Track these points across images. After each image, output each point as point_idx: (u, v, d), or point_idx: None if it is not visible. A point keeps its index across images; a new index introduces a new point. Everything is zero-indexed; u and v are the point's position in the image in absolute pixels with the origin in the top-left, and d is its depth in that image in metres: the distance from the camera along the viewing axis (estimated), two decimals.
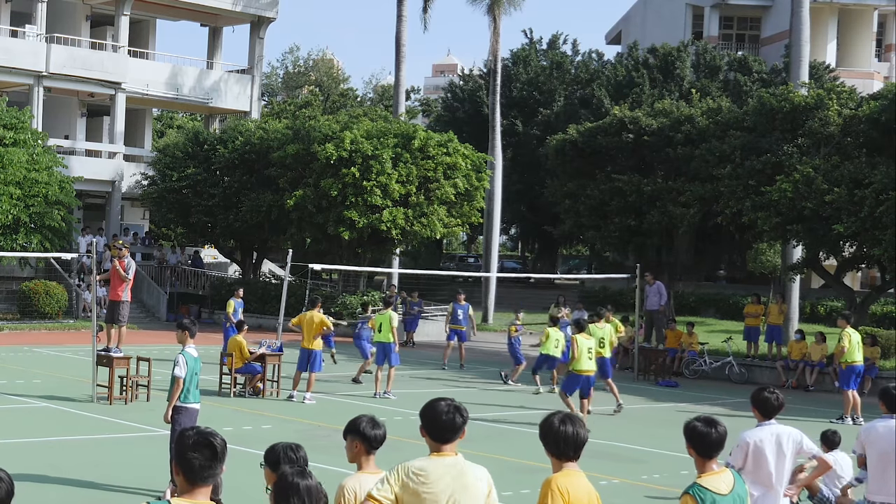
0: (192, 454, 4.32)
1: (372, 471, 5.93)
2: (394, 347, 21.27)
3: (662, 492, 13.67)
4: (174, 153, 40.28)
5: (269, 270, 43.78)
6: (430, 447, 5.63)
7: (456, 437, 5.57)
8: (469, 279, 49.76)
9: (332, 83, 72.59)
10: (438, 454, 5.58)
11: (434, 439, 5.60)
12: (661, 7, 59.04)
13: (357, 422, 5.99)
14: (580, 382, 18.62)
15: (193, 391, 12.16)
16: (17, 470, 12.78)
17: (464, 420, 5.58)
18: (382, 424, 6.03)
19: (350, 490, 5.81)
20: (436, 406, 5.60)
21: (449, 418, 5.54)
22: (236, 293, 26.38)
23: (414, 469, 5.54)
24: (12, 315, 34.19)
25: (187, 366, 12.03)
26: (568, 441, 5.53)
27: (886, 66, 56.07)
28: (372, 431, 5.93)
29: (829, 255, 29.19)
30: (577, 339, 18.61)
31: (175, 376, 12.01)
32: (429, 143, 35.52)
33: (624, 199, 33.36)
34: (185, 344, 12.26)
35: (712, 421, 6.20)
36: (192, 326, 12.48)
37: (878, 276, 37.03)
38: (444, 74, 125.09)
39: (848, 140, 29.22)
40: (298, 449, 5.40)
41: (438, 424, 5.56)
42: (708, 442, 6.13)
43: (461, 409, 5.60)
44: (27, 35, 40.92)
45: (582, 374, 18.53)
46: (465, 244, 72.64)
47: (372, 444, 5.93)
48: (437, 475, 5.50)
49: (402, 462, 5.66)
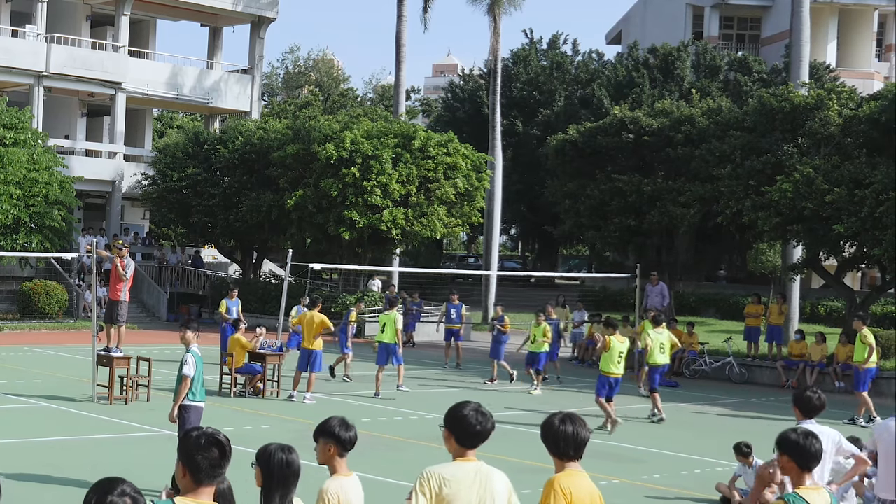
0: (200, 454, 4.32)
1: (345, 473, 5.90)
2: (397, 348, 21.19)
3: (662, 492, 13.67)
4: (174, 153, 40.28)
5: (269, 270, 43.78)
6: (454, 452, 5.60)
7: (481, 443, 5.58)
8: (469, 279, 49.76)
9: (332, 83, 72.60)
10: (464, 459, 5.57)
11: (460, 444, 5.58)
12: (661, 7, 59.05)
13: (329, 424, 5.92)
14: (611, 384, 18.01)
15: (201, 389, 12.37)
16: (17, 470, 12.78)
17: (491, 426, 5.58)
18: (353, 426, 5.98)
19: (332, 494, 5.78)
20: (463, 411, 5.57)
21: (480, 424, 5.54)
22: (230, 293, 26.30)
23: (446, 476, 5.53)
24: (12, 315, 34.18)
25: (196, 365, 12.21)
26: (568, 440, 5.52)
27: (886, 66, 56.08)
28: (346, 434, 5.88)
29: (829, 255, 29.17)
30: (611, 341, 18.07)
31: (184, 375, 12.16)
32: (429, 143, 35.52)
33: (624, 199, 33.34)
34: (191, 343, 12.43)
35: (811, 433, 5.92)
36: (197, 326, 12.84)
37: (878, 277, 37.03)
38: (444, 74, 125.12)
39: (848, 140, 29.20)
40: (291, 451, 5.40)
41: (467, 430, 5.54)
42: (808, 454, 5.87)
43: (488, 414, 5.60)
44: (27, 35, 40.91)
45: (611, 376, 18.02)
46: (466, 244, 72.63)
47: (345, 446, 5.88)
48: (468, 481, 5.52)
49: (426, 470, 5.62)
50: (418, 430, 17.33)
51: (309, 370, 19.85)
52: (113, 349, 19.77)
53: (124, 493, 3.76)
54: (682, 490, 13.77)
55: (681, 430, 19.05)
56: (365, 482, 6.16)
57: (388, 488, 12.56)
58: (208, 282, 40.41)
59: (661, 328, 20.90)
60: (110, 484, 3.78)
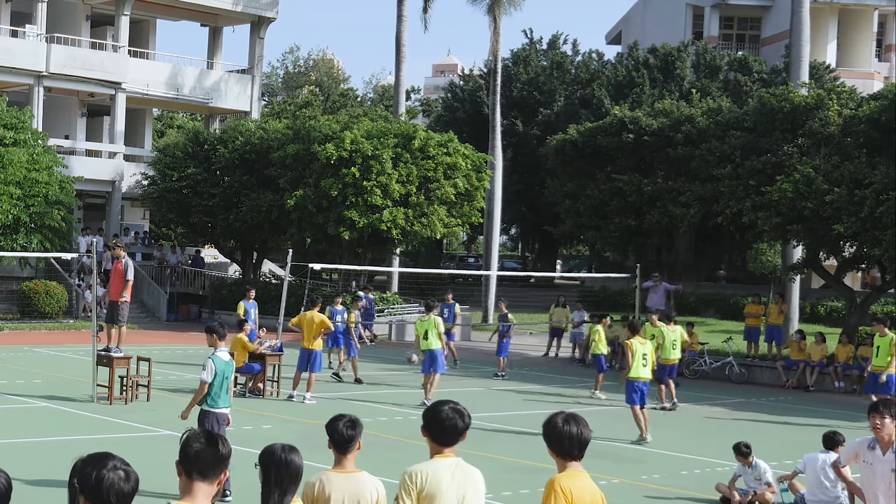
0: (198, 455, 4.33)
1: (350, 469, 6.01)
2: (441, 354, 20.30)
3: (662, 492, 13.67)
4: (174, 153, 40.28)
5: (269, 270, 43.78)
6: (431, 449, 5.71)
7: (457, 441, 5.65)
8: (469, 279, 49.76)
9: (332, 83, 72.60)
10: (441, 456, 5.64)
11: (436, 442, 5.69)
12: (661, 7, 59.04)
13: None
14: (641, 390, 17.26)
15: (224, 396, 11.94)
16: (17, 470, 12.78)
17: (465, 424, 5.65)
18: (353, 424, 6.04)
19: (309, 486, 5.93)
20: (439, 409, 5.68)
21: (452, 422, 5.62)
22: (248, 294, 25.63)
23: (425, 473, 5.64)
24: (12, 315, 34.18)
25: (216, 370, 11.82)
26: (573, 440, 5.54)
27: (886, 66, 56.06)
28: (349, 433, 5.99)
29: (829, 255, 29.18)
30: (632, 345, 17.34)
31: (202, 380, 11.82)
32: (429, 143, 35.52)
33: (624, 199, 33.36)
34: (216, 347, 12.07)
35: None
36: (221, 329, 12.27)
37: (878, 277, 37.02)
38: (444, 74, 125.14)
39: (848, 140, 29.21)
40: (293, 451, 5.42)
41: (441, 427, 5.64)
42: None
43: (464, 413, 5.67)
44: (27, 35, 40.91)
45: (639, 380, 17.28)
46: (465, 244, 72.63)
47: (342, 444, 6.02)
48: (448, 475, 5.63)
49: (406, 470, 5.71)
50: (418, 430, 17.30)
51: (309, 370, 19.85)
52: (113, 349, 19.76)
53: (116, 468, 3.79)
54: (682, 490, 13.77)
55: (681, 430, 19.05)
56: None
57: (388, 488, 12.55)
58: (208, 282, 40.42)
59: (672, 325, 21.78)
60: (101, 459, 3.80)
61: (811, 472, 11.95)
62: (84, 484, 3.74)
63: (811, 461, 12.01)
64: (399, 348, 27.15)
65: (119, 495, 3.73)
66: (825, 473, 11.54)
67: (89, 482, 3.73)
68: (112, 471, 3.75)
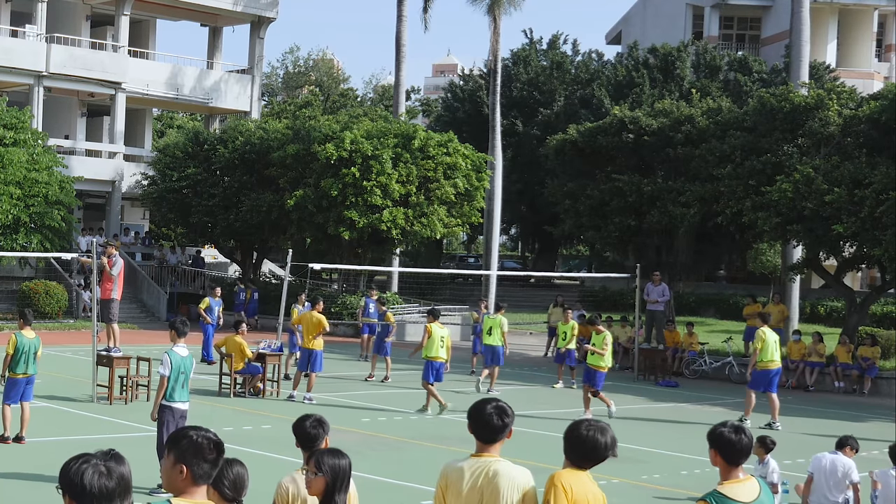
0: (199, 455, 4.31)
1: None
2: (501, 350, 22.58)
3: (662, 492, 13.67)
4: (174, 153, 40.28)
5: (269, 270, 43.78)
6: (476, 447, 5.77)
7: (497, 438, 5.70)
8: (469, 279, 49.74)
9: (332, 83, 72.57)
10: (477, 455, 5.71)
11: (477, 438, 5.75)
12: (661, 7, 59.05)
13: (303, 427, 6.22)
14: (436, 369, 19.27)
15: (179, 390, 12.32)
16: (18, 470, 12.79)
17: (504, 423, 5.69)
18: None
19: (283, 486, 6.01)
20: (480, 407, 5.74)
21: (489, 419, 5.68)
22: (213, 291, 27.33)
23: (446, 470, 5.74)
24: (12, 315, 34.14)
25: (172, 364, 12.21)
26: (598, 451, 5.69)
27: (886, 66, 56.08)
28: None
29: (829, 255, 29.18)
30: (431, 328, 19.17)
31: (160, 375, 12.25)
32: (429, 143, 35.52)
33: (624, 199, 33.31)
34: (174, 343, 12.52)
35: (740, 428, 6.07)
36: (182, 326, 12.71)
37: (878, 277, 37.02)
38: (444, 74, 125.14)
39: (848, 140, 29.21)
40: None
41: (479, 424, 5.70)
42: (736, 449, 6.10)
43: (506, 410, 5.72)
44: (27, 35, 40.92)
45: (436, 360, 19.08)
46: (465, 244, 72.63)
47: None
48: (465, 475, 5.65)
49: (445, 463, 5.84)
50: (418, 430, 17.33)
51: (309, 370, 19.86)
52: (113, 349, 19.77)
53: (97, 466, 3.80)
54: (682, 490, 13.77)
55: (681, 430, 19.06)
56: (365, 482, 6.17)
57: (388, 488, 12.56)
58: (208, 282, 40.40)
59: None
60: (82, 458, 3.81)
61: (816, 472, 11.90)
62: (66, 484, 3.75)
63: (817, 462, 11.95)
64: (399, 349, 27.10)
65: (102, 491, 3.74)
66: (834, 477, 11.42)
67: (71, 482, 3.75)
68: (93, 468, 3.76)
